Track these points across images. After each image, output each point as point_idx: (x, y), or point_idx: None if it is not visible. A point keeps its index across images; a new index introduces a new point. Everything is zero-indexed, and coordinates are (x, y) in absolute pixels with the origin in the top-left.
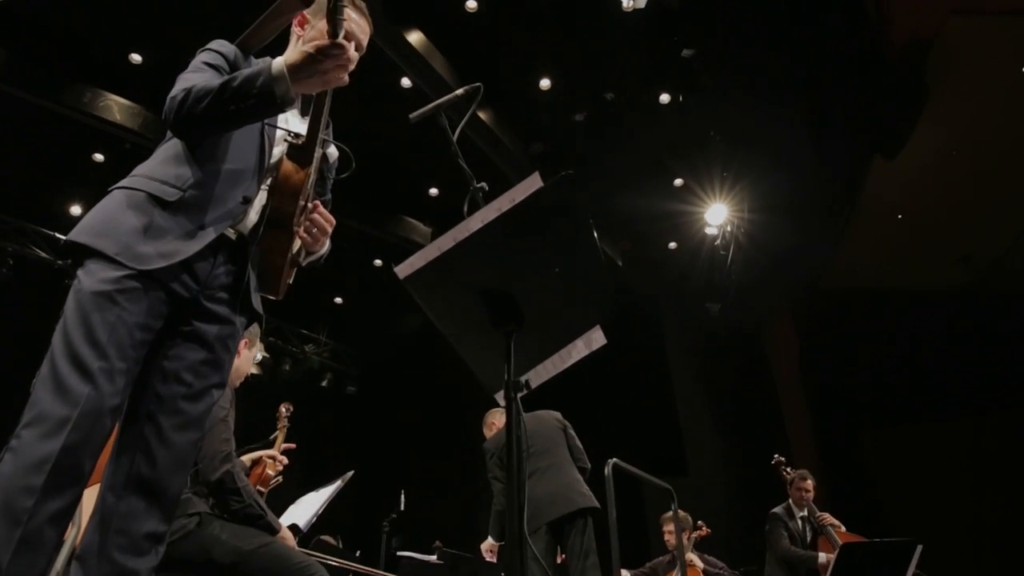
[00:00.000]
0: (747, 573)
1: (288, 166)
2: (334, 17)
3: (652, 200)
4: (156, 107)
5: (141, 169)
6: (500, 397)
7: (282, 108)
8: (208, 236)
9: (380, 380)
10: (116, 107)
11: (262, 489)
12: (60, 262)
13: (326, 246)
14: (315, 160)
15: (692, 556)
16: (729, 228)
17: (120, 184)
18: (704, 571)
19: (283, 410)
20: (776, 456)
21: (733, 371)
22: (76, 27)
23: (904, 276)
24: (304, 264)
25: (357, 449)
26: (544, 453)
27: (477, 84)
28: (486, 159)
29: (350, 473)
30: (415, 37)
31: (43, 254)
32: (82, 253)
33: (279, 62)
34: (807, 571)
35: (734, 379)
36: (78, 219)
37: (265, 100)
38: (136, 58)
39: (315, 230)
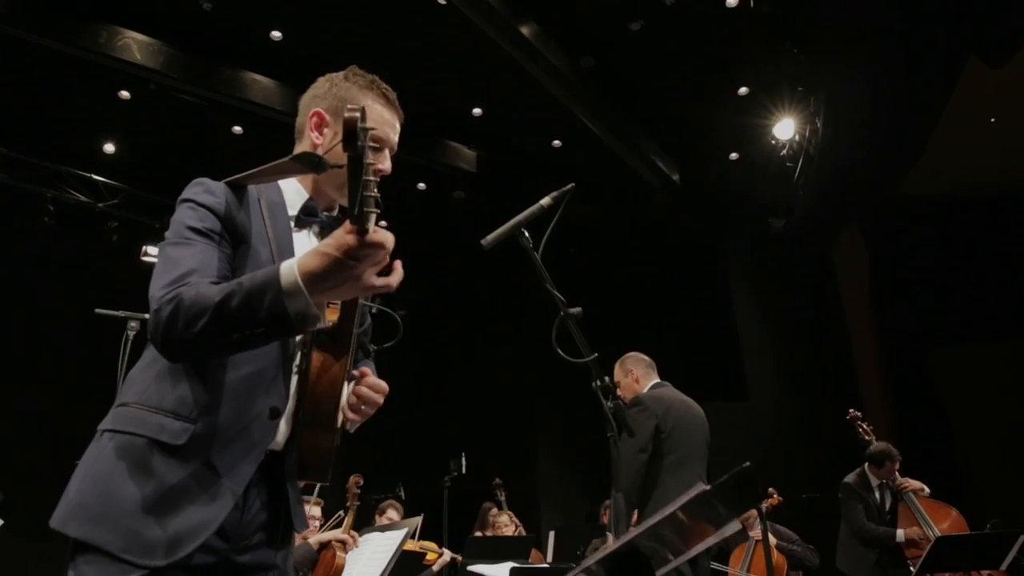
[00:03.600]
0: (808, 500)
1: (319, 361)
2: (360, 211)
3: (712, 110)
4: (176, 42)
5: (132, 390)
6: None
7: (302, 331)
8: (235, 489)
9: (429, 305)
10: (135, 45)
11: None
12: (101, 205)
13: None
14: (353, 338)
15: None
16: (798, 138)
17: (110, 425)
18: (777, 546)
19: (353, 484)
20: (851, 411)
21: (797, 289)
22: None
23: (992, 180)
24: (352, 431)
25: (412, 379)
26: (704, 459)
27: (570, 185)
28: (530, 79)
29: (419, 519)
30: None
31: (83, 198)
32: (74, 547)
33: (291, 269)
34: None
35: (797, 298)
36: (112, 157)
37: (277, 326)
38: None
39: (363, 406)
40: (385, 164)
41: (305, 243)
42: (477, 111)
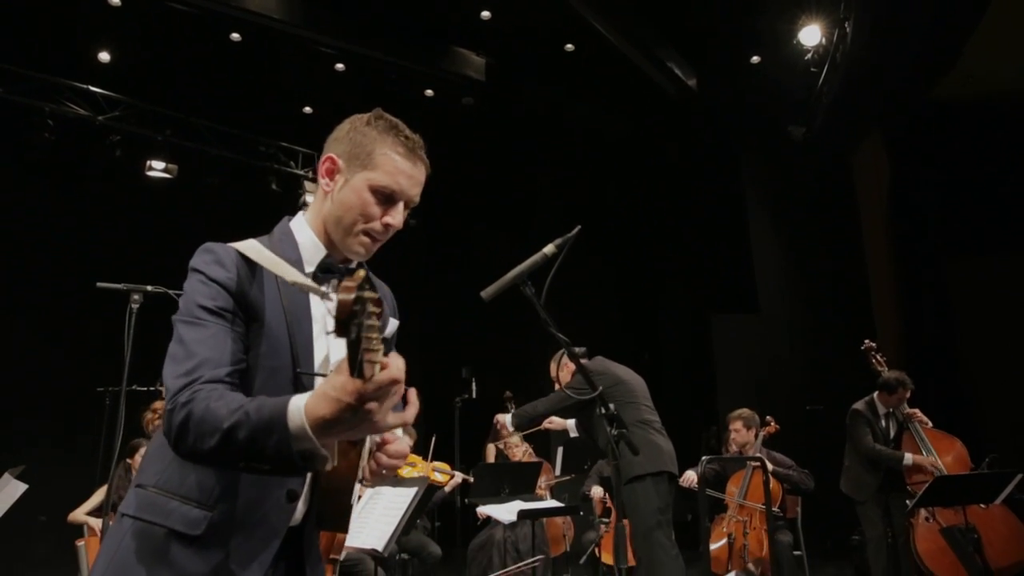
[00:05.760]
0: (812, 412)
1: (335, 447)
2: (360, 370)
3: (734, 11)
4: None
5: (151, 470)
6: None
7: (310, 470)
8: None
9: (443, 213)
10: None
11: (336, 556)
12: (101, 118)
13: None
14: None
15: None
16: (824, 42)
17: (130, 510)
18: (773, 472)
19: None
20: (867, 342)
21: (813, 200)
22: None
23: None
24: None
25: (421, 291)
26: (653, 410)
27: (576, 229)
28: None
29: (427, 479)
30: None
31: (82, 111)
32: None
33: (299, 412)
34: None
35: (813, 209)
36: (108, 68)
37: (283, 467)
38: None
39: (384, 471)
40: (396, 219)
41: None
42: (486, 14)
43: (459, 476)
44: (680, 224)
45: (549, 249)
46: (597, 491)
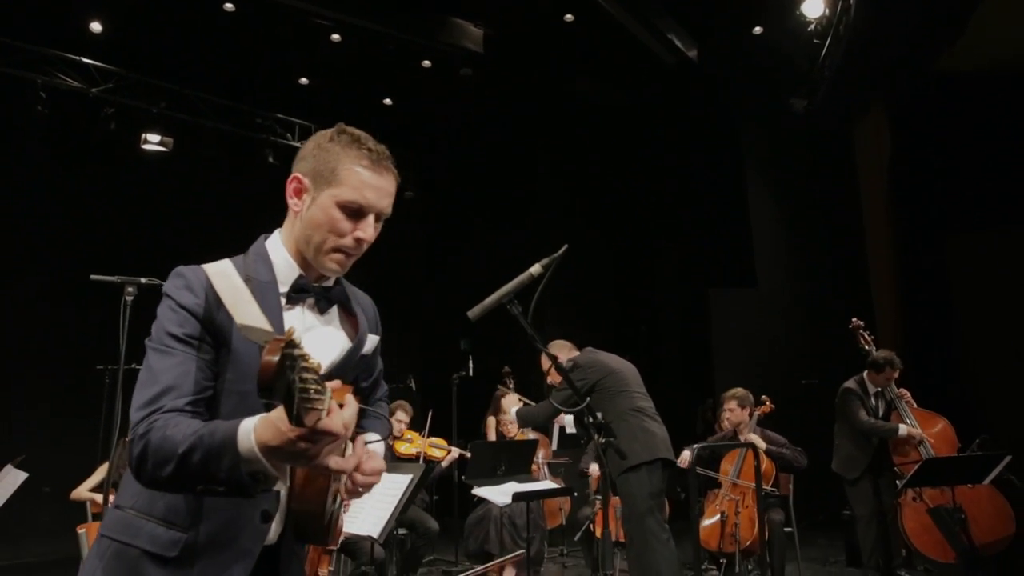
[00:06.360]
0: (807, 386)
1: (303, 475)
2: (299, 419)
3: None
4: None
5: (127, 492)
6: None
7: (264, 490)
8: None
9: (441, 186)
10: None
11: (332, 548)
12: (94, 90)
13: None
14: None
15: (753, 437)
16: (827, 13)
17: (108, 531)
18: (767, 451)
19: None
20: (854, 320)
21: (813, 174)
22: None
23: None
24: None
25: (420, 264)
26: (646, 397)
27: (564, 248)
28: None
29: (422, 468)
30: None
31: (75, 83)
32: None
33: (248, 436)
34: (879, 441)
35: (813, 183)
36: (100, 39)
37: (237, 489)
38: None
39: (360, 489)
40: (367, 233)
41: (298, 319)
42: None
43: (456, 451)
44: (679, 198)
45: (535, 269)
46: (595, 468)
